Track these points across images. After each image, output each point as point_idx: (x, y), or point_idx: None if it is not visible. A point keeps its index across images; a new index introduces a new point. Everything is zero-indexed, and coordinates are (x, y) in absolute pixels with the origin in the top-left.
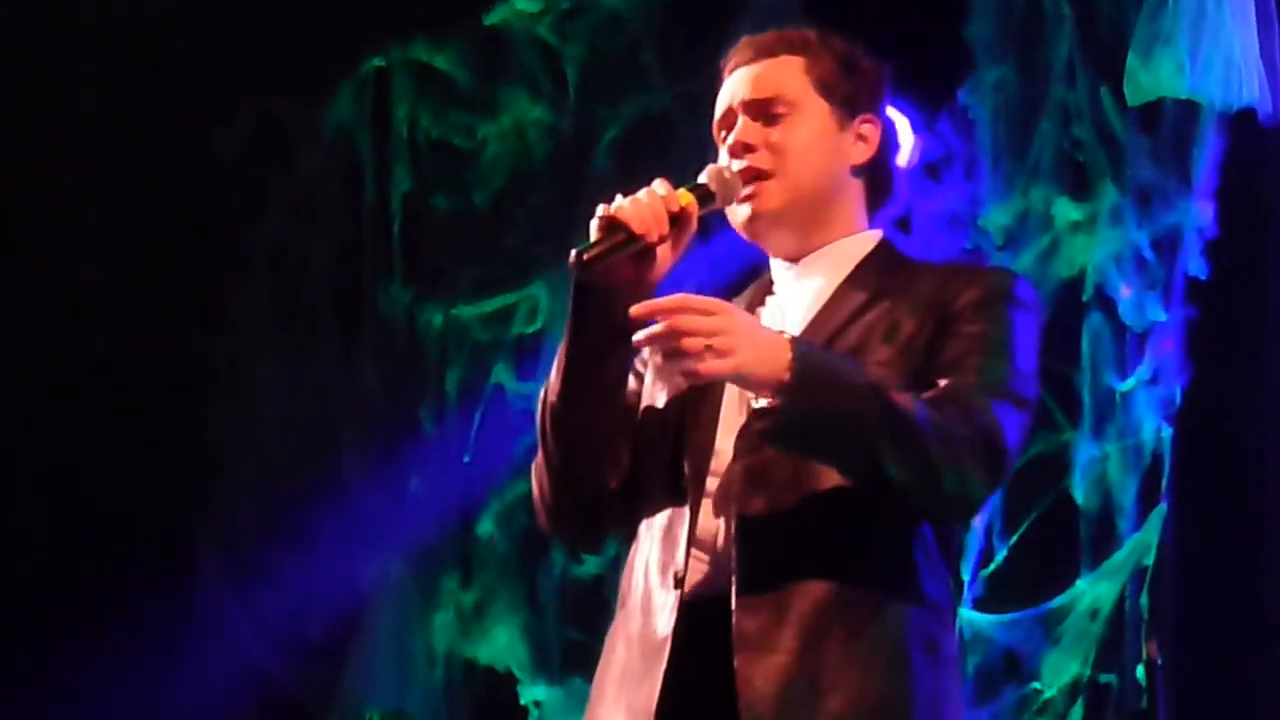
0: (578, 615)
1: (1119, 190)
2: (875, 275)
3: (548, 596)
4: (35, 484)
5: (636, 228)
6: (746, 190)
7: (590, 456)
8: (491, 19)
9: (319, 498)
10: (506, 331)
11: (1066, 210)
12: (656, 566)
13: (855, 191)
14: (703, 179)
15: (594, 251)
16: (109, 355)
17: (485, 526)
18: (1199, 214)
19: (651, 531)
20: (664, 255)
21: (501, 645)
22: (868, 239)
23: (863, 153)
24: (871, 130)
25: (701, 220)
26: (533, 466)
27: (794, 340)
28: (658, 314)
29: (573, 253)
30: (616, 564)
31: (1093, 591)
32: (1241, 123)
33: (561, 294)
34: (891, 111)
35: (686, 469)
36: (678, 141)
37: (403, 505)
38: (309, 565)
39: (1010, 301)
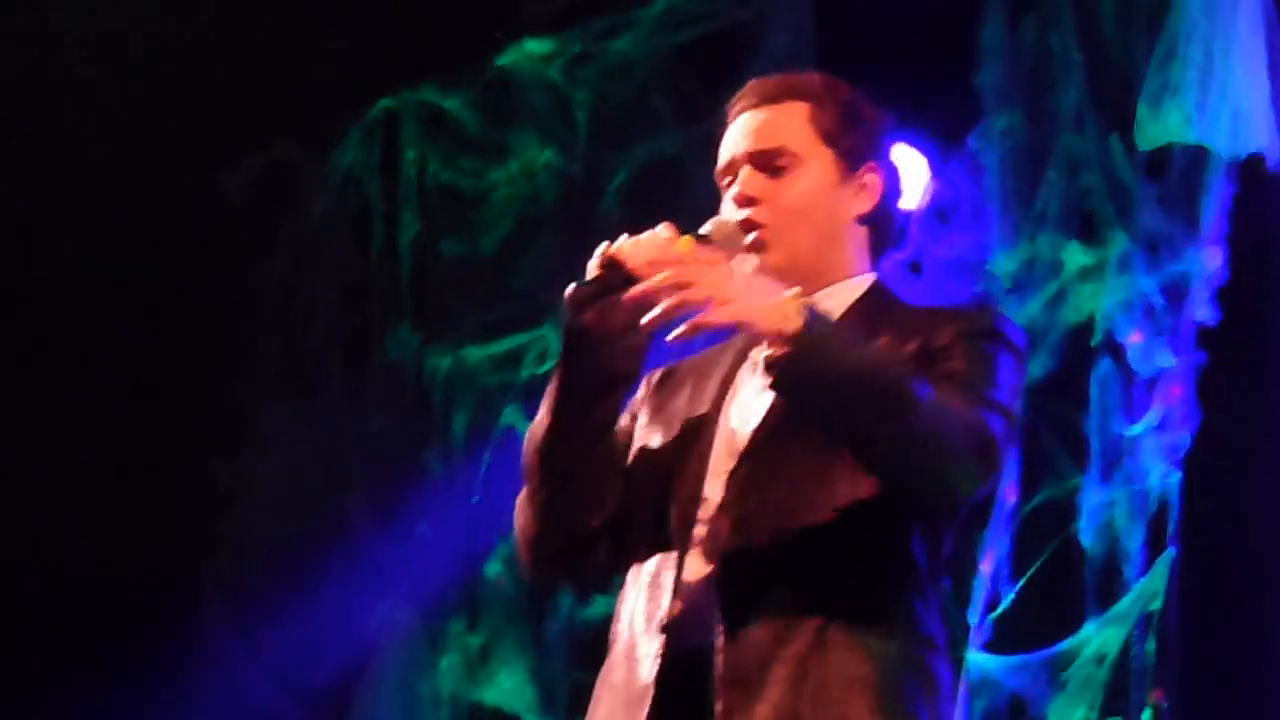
0: (584, 658)
1: (1128, 237)
2: (862, 320)
3: (554, 639)
4: (44, 526)
5: (638, 272)
6: (749, 241)
7: (574, 496)
8: (501, 62)
9: (326, 541)
10: (516, 374)
11: (1075, 256)
12: (642, 614)
13: (858, 238)
14: (706, 230)
15: (588, 289)
16: (117, 397)
17: (492, 569)
18: (1207, 261)
19: (639, 579)
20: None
21: (508, 688)
22: (860, 283)
23: (865, 202)
24: (874, 180)
25: None
26: (516, 502)
27: (796, 296)
28: (656, 269)
29: (569, 288)
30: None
31: (1099, 637)
32: (1250, 170)
33: None
34: (905, 152)
35: (673, 517)
36: (688, 185)
37: (409, 548)
38: (316, 608)
39: (991, 338)
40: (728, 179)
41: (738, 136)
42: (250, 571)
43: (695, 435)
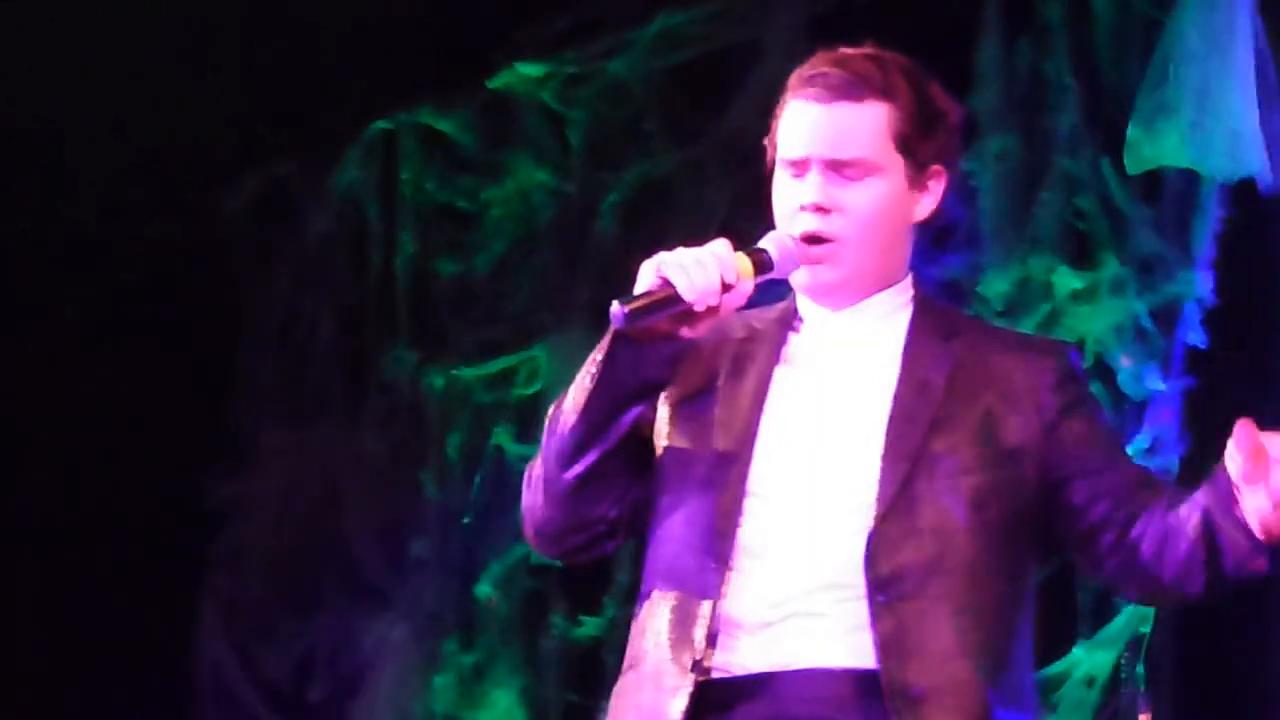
0: (578, 678)
1: (1120, 260)
2: (935, 343)
3: (548, 659)
4: (38, 544)
5: (686, 295)
6: (814, 253)
7: (590, 489)
8: (495, 84)
9: (322, 559)
10: (508, 393)
11: (1067, 279)
12: (668, 640)
13: (910, 239)
14: (766, 244)
15: (636, 305)
16: (115, 414)
17: (485, 589)
18: (1199, 284)
19: (666, 597)
20: (711, 316)
21: (502, 708)
22: (903, 289)
23: (927, 207)
24: (937, 183)
25: None
26: (526, 471)
27: None
28: None
29: (615, 303)
30: (615, 626)
31: (1090, 659)
32: (1242, 194)
33: (563, 357)
34: None
35: (709, 533)
36: (681, 207)
37: (404, 567)
38: (311, 626)
39: (1087, 382)
40: (794, 171)
41: (813, 132)
42: (246, 590)
43: (732, 451)
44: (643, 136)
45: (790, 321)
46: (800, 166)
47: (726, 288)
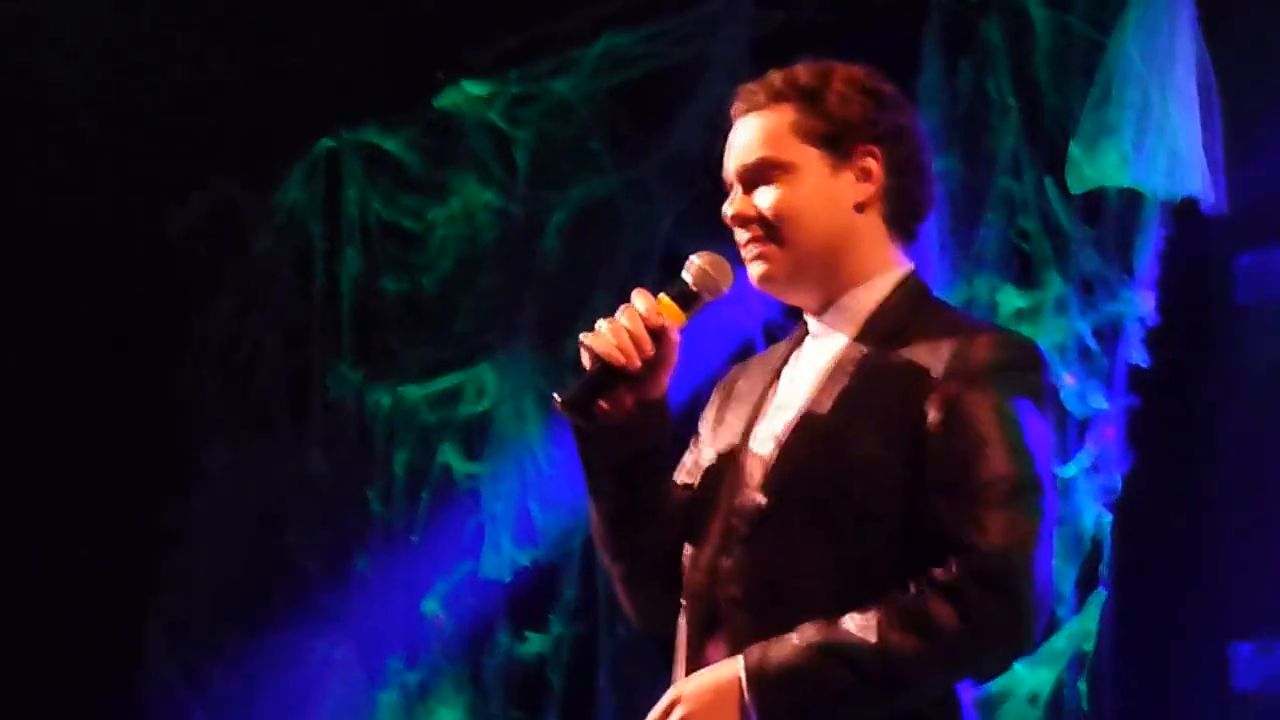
0: (521, 695)
1: (1063, 279)
2: (881, 333)
3: (492, 677)
4: None
5: (615, 359)
6: (749, 255)
7: (654, 566)
8: (441, 102)
9: (267, 578)
10: (454, 412)
11: (1012, 299)
12: (678, 667)
13: (870, 227)
14: (686, 276)
15: (570, 395)
16: (62, 435)
17: (431, 606)
18: (1141, 303)
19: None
20: (661, 367)
21: None
22: (886, 282)
23: (866, 188)
24: (873, 160)
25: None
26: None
27: (745, 676)
28: None
29: (555, 398)
30: (561, 644)
31: (1032, 677)
32: (1184, 213)
33: (509, 374)
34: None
35: (685, 571)
36: (625, 226)
37: (349, 585)
38: (257, 645)
39: (1010, 385)
40: (729, 192)
41: (730, 151)
42: (193, 608)
43: (716, 477)
44: (588, 156)
45: (803, 335)
46: (728, 187)
47: (655, 333)
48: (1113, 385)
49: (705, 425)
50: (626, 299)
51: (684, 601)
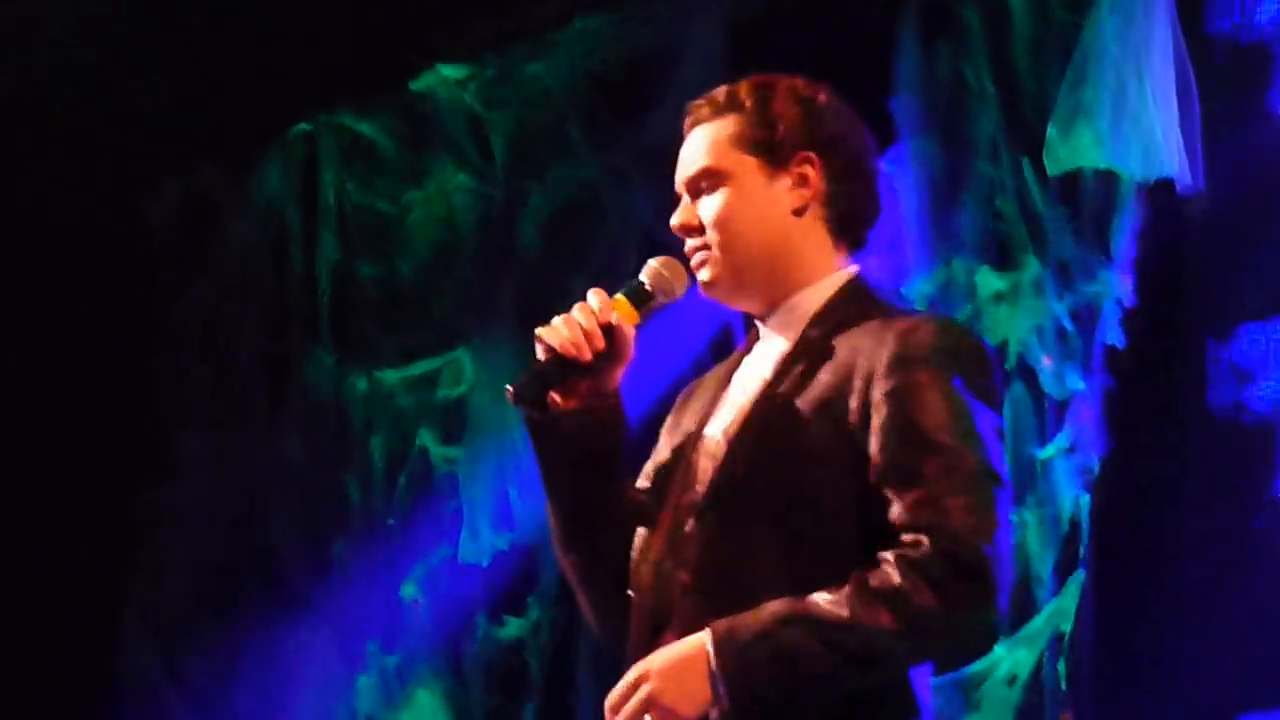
0: (500, 680)
1: (1040, 262)
2: (825, 328)
3: (471, 661)
4: None
5: (565, 350)
6: (695, 262)
7: (607, 566)
8: (417, 86)
9: (245, 564)
10: (431, 396)
11: (989, 280)
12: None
13: (811, 232)
14: (642, 277)
15: (521, 383)
16: (37, 422)
17: (409, 590)
18: (1118, 285)
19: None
20: (613, 362)
21: (424, 709)
22: (830, 284)
23: (804, 194)
24: (810, 167)
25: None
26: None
27: (713, 646)
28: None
29: (508, 389)
30: (539, 628)
31: (1011, 658)
32: (1160, 195)
33: (486, 359)
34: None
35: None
36: (603, 210)
37: (327, 570)
38: (234, 630)
39: (956, 370)
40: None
41: (678, 164)
42: (169, 594)
43: (667, 474)
44: (565, 139)
45: (752, 344)
46: (678, 198)
47: (606, 327)
48: (1090, 367)
49: (664, 432)
50: (605, 284)
51: (631, 595)
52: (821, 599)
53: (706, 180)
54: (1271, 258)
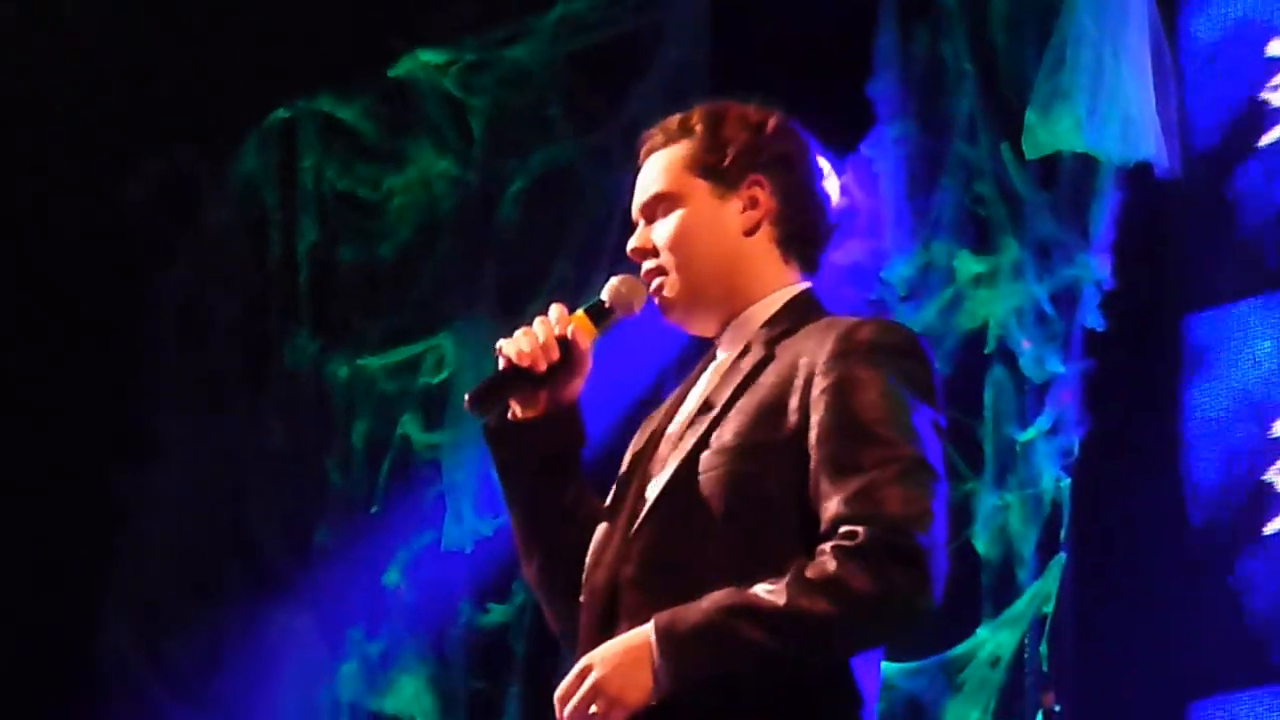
0: (484, 665)
1: (1019, 244)
2: (769, 336)
3: (454, 647)
4: None
5: (520, 360)
6: (652, 286)
7: (571, 567)
8: (396, 71)
9: (226, 550)
10: (413, 382)
11: (968, 264)
12: None
13: (762, 252)
14: (603, 294)
15: (477, 390)
16: (16, 406)
17: (392, 577)
18: (1097, 267)
19: None
20: (570, 374)
21: (408, 695)
22: (778, 298)
23: (753, 215)
24: (760, 190)
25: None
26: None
27: (655, 636)
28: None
29: (466, 398)
30: (522, 613)
31: (994, 640)
32: (1139, 177)
33: (468, 344)
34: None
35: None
36: (584, 193)
37: (309, 556)
38: (215, 616)
39: (893, 367)
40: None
41: (635, 194)
42: (150, 580)
43: (624, 483)
44: (545, 123)
45: (709, 362)
46: (635, 224)
47: (563, 340)
48: (1070, 349)
49: (628, 450)
50: (586, 266)
51: (583, 599)
52: (761, 589)
53: (660, 204)
54: (1248, 239)
